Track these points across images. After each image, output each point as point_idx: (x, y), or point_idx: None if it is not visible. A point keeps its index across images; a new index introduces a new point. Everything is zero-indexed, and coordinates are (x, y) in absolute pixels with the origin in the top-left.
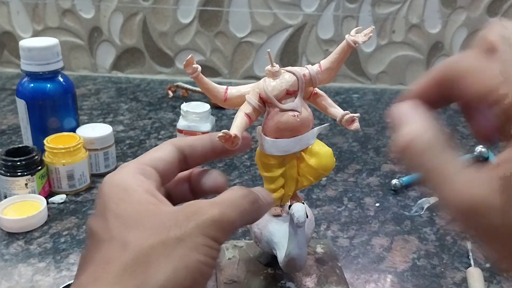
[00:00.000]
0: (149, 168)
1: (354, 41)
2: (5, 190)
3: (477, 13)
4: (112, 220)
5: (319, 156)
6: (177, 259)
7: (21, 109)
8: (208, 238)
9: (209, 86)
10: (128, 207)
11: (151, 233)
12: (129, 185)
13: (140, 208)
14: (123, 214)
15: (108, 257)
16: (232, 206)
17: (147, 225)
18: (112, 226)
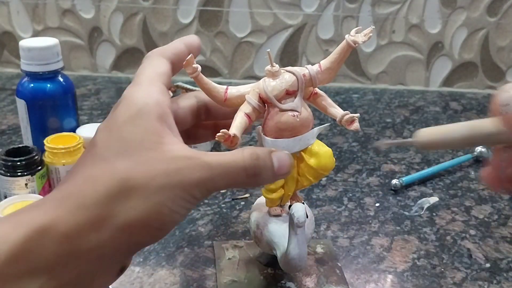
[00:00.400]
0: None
1: (354, 41)
2: (5, 190)
3: (477, 13)
4: (115, 138)
5: (319, 156)
6: (154, 203)
7: (21, 109)
8: (188, 194)
9: (209, 86)
10: (134, 130)
11: (141, 169)
12: (144, 105)
13: (144, 137)
14: (127, 136)
15: (97, 177)
16: (225, 175)
17: (142, 159)
18: (112, 145)
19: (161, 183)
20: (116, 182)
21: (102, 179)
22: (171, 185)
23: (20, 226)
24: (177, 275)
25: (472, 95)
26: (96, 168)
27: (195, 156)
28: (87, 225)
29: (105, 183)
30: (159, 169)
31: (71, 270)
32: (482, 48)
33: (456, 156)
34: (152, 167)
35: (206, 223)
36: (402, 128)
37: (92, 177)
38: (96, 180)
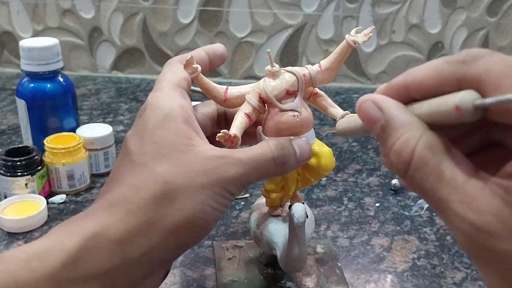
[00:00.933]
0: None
1: (354, 41)
2: (5, 190)
3: (477, 13)
4: (148, 144)
5: (319, 156)
6: (198, 203)
7: (21, 109)
8: (226, 191)
9: (209, 86)
10: (164, 134)
11: (181, 171)
12: (170, 111)
13: (175, 140)
14: (159, 141)
15: (140, 183)
16: (257, 168)
17: (179, 161)
18: (147, 150)
19: (201, 183)
20: (160, 186)
21: (146, 185)
22: (211, 184)
23: (73, 235)
24: (177, 275)
25: None
26: (137, 175)
27: (227, 154)
28: (137, 231)
29: (149, 189)
30: (197, 169)
31: (123, 275)
32: (482, 48)
33: None
34: (190, 168)
35: None
36: None
37: (135, 184)
38: (139, 186)
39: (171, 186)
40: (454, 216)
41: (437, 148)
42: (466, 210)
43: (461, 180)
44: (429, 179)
